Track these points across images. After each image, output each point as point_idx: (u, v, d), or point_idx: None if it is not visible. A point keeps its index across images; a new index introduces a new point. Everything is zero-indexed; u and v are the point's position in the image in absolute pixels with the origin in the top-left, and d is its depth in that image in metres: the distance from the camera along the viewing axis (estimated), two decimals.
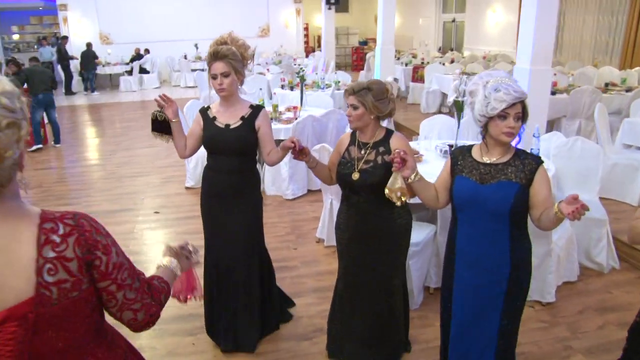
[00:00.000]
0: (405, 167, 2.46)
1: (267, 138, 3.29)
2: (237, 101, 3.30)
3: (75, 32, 19.07)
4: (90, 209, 6.51)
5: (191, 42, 18.50)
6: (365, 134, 2.93)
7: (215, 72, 3.14)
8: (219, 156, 3.30)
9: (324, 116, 6.84)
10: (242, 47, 3.25)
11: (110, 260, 1.45)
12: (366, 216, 2.97)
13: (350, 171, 2.92)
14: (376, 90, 2.83)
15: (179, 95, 15.89)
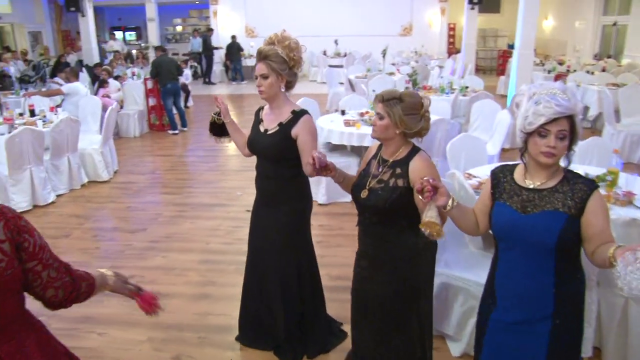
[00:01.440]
0: (438, 195, 2.11)
1: (305, 148, 3.03)
2: (282, 105, 3.13)
3: (224, 26, 20.03)
4: (188, 200, 6.64)
5: (331, 38, 18.56)
6: (388, 149, 2.62)
7: (256, 73, 3.05)
8: (259, 160, 3.24)
9: (432, 125, 6.35)
10: (288, 48, 3.02)
11: (36, 242, 1.61)
12: (374, 238, 2.68)
13: (361, 187, 2.64)
14: (408, 103, 2.50)
15: (311, 90, 16.00)
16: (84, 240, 5.56)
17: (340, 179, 2.77)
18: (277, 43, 3.03)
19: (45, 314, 4.12)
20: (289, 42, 3.04)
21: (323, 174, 2.66)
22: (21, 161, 6.33)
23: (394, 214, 2.55)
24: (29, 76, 14.39)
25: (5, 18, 19.85)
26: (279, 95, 3.10)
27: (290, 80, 3.09)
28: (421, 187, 2.10)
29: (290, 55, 3.02)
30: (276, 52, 2.98)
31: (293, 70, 3.07)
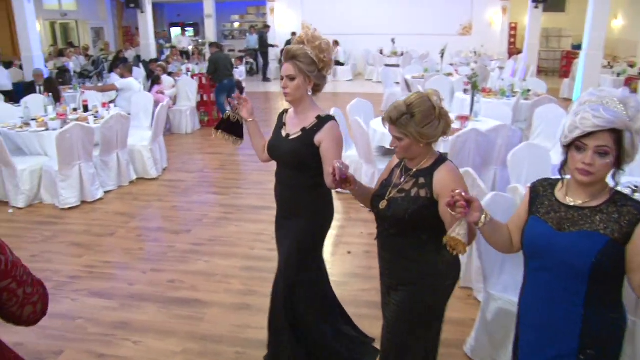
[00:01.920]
0: (471, 211, 1.91)
1: (328, 156, 2.77)
2: (307, 109, 2.90)
3: (280, 23, 19.97)
4: (235, 202, 6.48)
5: (388, 37, 18.20)
6: (414, 159, 2.39)
7: (282, 74, 2.84)
8: (278, 167, 3.05)
9: (492, 131, 5.98)
10: (319, 49, 2.78)
11: (9, 259, 1.47)
12: (393, 253, 2.48)
13: (382, 197, 2.43)
14: (420, 115, 2.24)
15: (367, 89, 15.74)
16: (128, 240, 5.47)
17: (359, 193, 2.54)
18: (307, 43, 2.79)
19: (83, 317, 4.06)
20: (320, 42, 2.80)
21: (342, 186, 2.41)
22: (71, 157, 6.32)
23: (414, 226, 2.34)
24: (88, 71, 14.67)
25: (70, 15, 20.41)
26: (305, 99, 2.88)
27: (318, 84, 2.86)
28: (453, 201, 1.89)
29: (320, 57, 2.78)
30: (305, 52, 2.76)
31: (322, 72, 2.84)
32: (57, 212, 6.31)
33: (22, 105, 7.90)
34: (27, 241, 5.51)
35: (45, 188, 6.59)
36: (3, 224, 6.04)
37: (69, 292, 4.43)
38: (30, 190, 6.52)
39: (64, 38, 20.76)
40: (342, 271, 4.66)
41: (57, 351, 3.65)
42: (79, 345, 3.71)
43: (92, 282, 4.60)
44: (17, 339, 3.81)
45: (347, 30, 18.94)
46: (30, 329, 3.92)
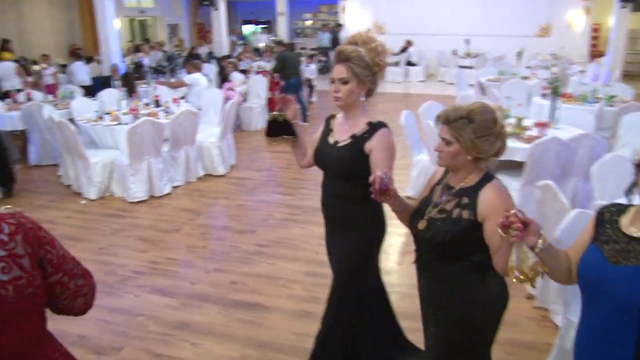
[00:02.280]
0: (527, 234, 1.66)
1: (378, 164, 2.54)
2: (357, 115, 2.70)
3: (352, 21, 19.80)
4: (301, 203, 6.38)
5: (462, 38, 17.71)
6: (456, 175, 2.19)
7: (334, 76, 2.62)
8: (325, 176, 2.83)
9: (574, 140, 5.58)
10: (374, 52, 2.58)
11: (59, 253, 1.48)
12: (432, 279, 2.30)
13: (421, 216, 2.23)
14: (479, 123, 2.05)
15: (439, 91, 15.37)
16: (193, 237, 5.46)
17: (399, 209, 2.31)
18: (362, 44, 2.58)
19: (144, 314, 4.05)
20: (376, 44, 2.60)
21: (382, 198, 2.18)
22: (141, 152, 6.39)
23: (454, 251, 2.14)
24: (163, 66, 14.98)
25: (148, 12, 20.98)
26: (357, 104, 2.68)
27: (371, 88, 2.66)
28: (507, 222, 1.65)
29: (375, 60, 2.59)
30: (360, 54, 2.55)
31: (376, 77, 2.64)
32: (126, 206, 6.39)
33: (98, 99, 8.10)
34: (97, 233, 5.59)
35: (116, 181, 6.71)
36: (75, 215, 6.16)
37: (133, 287, 4.44)
38: (101, 183, 6.64)
39: (141, 34, 21.36)
40: (409, 282, 4.45)
41: (118, 347, 3.64)
42: (138, 343, 3.68)
43: (155, 278, 4.59)
44: (81, 331, 3.84)
45: (420, 30, 18.57)
46: (94, 322, 3.95)
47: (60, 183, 7.35)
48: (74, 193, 6.86)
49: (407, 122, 6.29)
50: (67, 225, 5.84)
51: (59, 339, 3.60)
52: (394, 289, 4.27)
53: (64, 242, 5.20)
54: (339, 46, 2.65)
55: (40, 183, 7.55)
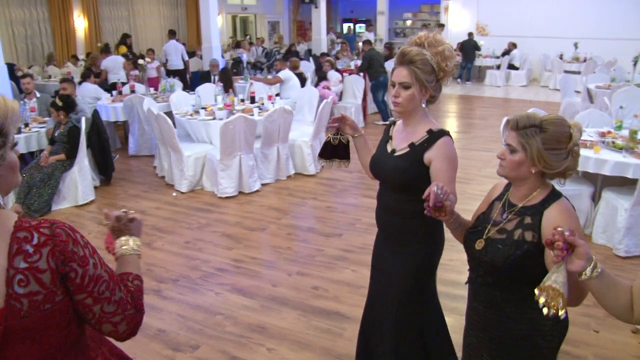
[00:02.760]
0: (574, 257, 1.53)
1: (439, 177, 2.34)
2: (417, 122, 2.48)
3: (454, 22, 19.28)
4: None
5: (570, 41, 16.73)
6: (518, 190, 2.02)
7: (395, 80, 2.42)
8: (381, 186, 2.64)
9: None
10: (441, 56, 2.36)
11: (87, 273, 1.38)
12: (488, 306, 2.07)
13: (478, 235, 2.06)
14: (551, 134, 1.87)
15: (542, 97, 14.64)
16: (278, 237, 5.40)
17: (454, 225, 2.14)
18: (428, 46, 2.37)
19: (223, 313, 4.01)
20: (444, 48, 2.38)
21: (435, 214, 1.98)
22: (232, 148, 6.42)
23: (515, 276, 1.95)
24: (261, 63, 15.19)
25: (250, 9, 21.42)
26: (418, 111, 2.46)
27: (434, 95, 2.45)
28: (551, 240, 1.54)
29: (441, 65, 2.37)
30: (425, 58, 2.34)
31: (440, 83, 2.43)
32: (215, 200, 6.45)
33: (196, 94, 8.26)
34: (184, 226, 5.66)
35: (207, 175, 6.79)
36: (167, 207, 6.29)
37: (214, 284, 4.42)
38: (193, 177, 6.75)
39: (242, 31, 21.84)
40: None
41: (194, 345, 3.61)
42: (215, 343, 3.64)
43: (237, 277, 4.56)
44: (161, 325, 3.86)
45: (525, 32, 17.73)
46: (174, 317, 3.96)
47: (154, 174, 7.56)
48: (167, 185, 7.02)
49: None
50: (157, 216, 5.96)
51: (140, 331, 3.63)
52: None
53: (153, 233, 5.32)
54: (403, 47, 2.45)
55: (136, 173, 7.80)
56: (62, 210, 6.18)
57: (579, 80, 13.73)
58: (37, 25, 14.16)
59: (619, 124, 6.15)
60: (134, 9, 16.93)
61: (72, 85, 7.11)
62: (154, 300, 4.18)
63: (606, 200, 5.02)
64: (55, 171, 6.13)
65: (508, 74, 17.16)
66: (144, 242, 5.26)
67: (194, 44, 17.52)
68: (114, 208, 5.59)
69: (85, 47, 15.17)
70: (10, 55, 13.08)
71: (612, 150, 5.17)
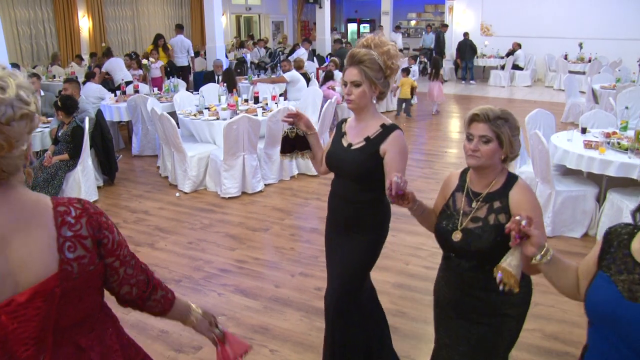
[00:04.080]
0: (527, 243, 1.70)
1: (392, 167, 2.58)
2: (370, 117, 2.72)
3: (458, 22, 19.23)
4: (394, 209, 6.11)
5: (575, 41, 16.67)
6: (483, 179, 2.20)
7: (346, 79, 2.66)
8: (337, 178, 2.86)
9: None
10: (387, 55, 2.63)
11: (115, 239, 1.59)
12: (469, 289, 2.25)
13: (451, 228, 2.22)
14: (512, 122, 2.15)
15: (546, 98, 14.60)
16: (281, 238, 5.39)
17: (418, 212, 2.32)
18: (374, 47, 2.63)
19: (226, 314, 4.00)
20: (389, 47, 2.65)
21: (399, 202, 2.18)
22: (236, 148, 6.41)
23: (496, 256, 1.98)
24: (265, 62, 15.18)
25: (254, 9, 21.44)
26: (369, 107, 2.71)
27: (383, 91, 2.70)
28: (509, 228, 1.71)
29: (387, 63, 2.63)
30: (373, 57, 2.60)
31: (388, 80, 2.69)
32: (218, 201, 6.44)
33: (199, 94, 8.26)
34: (187, 227, 5.65)
35: (210, 176, 6.79)
36: (170, 207, 6.28)
37: (217, 285, 4.42)
38: (196, 177, 6.74)
39: (246, 30, 21.84)
40: None
41: (197, 346, 3.60)
42: None
43: (240, 278, 4.55)
44: (163, 326, 3.85)
45: (529, 33, 17.66)
46: None
47: (158, 174, 7.57)
48: (170, 185, 7.02)
49: None
50: (160, 216, 5.95)
51: (142, 332, 3.60)
52: None
53: (156, 234, 5.33)
54: (352, 49, 2.70)
55: (139, 173, 7.80)
56: None
57: (583, 80, 13.68)
58: (42, 25, 14.20)
59: (624, 125, 6.12)
60: (139, 9, 16.95)
61: (74, 86, 7.09)
62: None
63: (611, 202, 4.99)
64: (58, 171, 6.13)
65: (512, 74, 17.10)
66: (146, 242, 5.30)
67: (198, 44, 17.53)
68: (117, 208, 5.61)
69: (89, 47, 15.20)
70: (14, 55, 13.11)
71: (618, 151, 5.15)
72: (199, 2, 17.29)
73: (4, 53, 7.92)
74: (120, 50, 15.92)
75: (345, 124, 2.86)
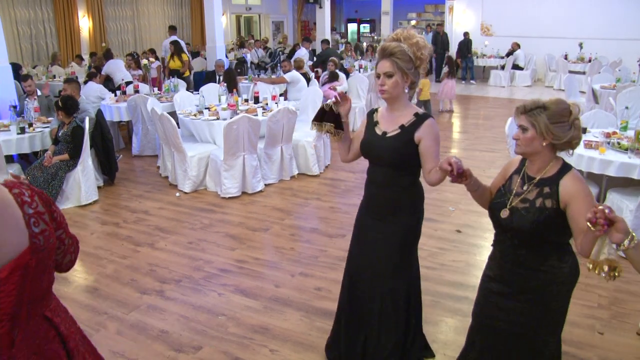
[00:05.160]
0: (613, 230, 1.82)
1: (429, 153, 2.79)
2: (402, 107, 2.88)
3: (458, 22, 19.22)
4: None
5: (575, 41, 16.66)
6: (534, 164, 2.38)
7: (379, 71, 2.80)
8: (374, 166, 2.97)
9: None
10: (416, 46, 2.76)
11: (60, 212, 1.78)
12: (514, 264, 2.43)
13: (502, 205, 2.42)
14: (553, 111, 2.26)
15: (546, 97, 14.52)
16: (281, 238, 5.39)
17: (474, 188, 2.53)
18: (404, 40, 2.77)
19: (226, 314, 4.00)
20: (417, 39, 2.79)
21: (459, 180, 2.43)
22: (236, 148, 6.41)
23: (539, 237, 2.32)
24: (265, 62, 15.18)
25: (254, 9, 21.44)
26: (402, 97, 2.86)
27: (414, 81, 2.84)
28: (594, 218, 1.81)
29: (417, 54, 2.77)
30: (403, 49, 2.73)
31: (418, 70, 2.83)
32: (218, 201, 6.44)
33: (200, 94, 8.25)
34: (187, 227, 5.65)
35: (210, 176, 6.79)
36: (170, 207, 6.28)
37: (217, 285, 4.42)
38: (196, 177, 6.74)
39: (247, 30, 21.84)
40: None
41: (197, 346, 3.60)
42: (217, 344, 3.63)
43: (240, 278, 4.55)
44: (164, 326, 3.85)
45: (529, 33, 17.65)
46: (176, 318, 3.95)
47: (158, 174, 7.57)
48: (170, 185, 7.02)
49: (510, 130, 5.88)
50: (160, 216, 5.95)
51: (142, 332, 3.60)
52: None
53: (157, 234, 5.32)
54: (382, 43, 2.85)
55: (139, 173, 7.79)
56: (66, 210, 6.17)
57: (583, 80, 13.68)
58: (42, 25, 14.21)
59: (624, 125, 6.11)
60: (139, 9, 16.96)
61: (73, 86, 7.07)
62: (156, 301, 4.17)
63: (611, 201, 4.99)
64: (58, 171, 6.13)
65: (512, 74, 17.10)
66: (146, 242, 5.30)
67: (198, 44, 17.54)
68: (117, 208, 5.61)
69: (89, 47, 15.21)
70: (14, 55, 13.11)
71: (618, 151, 5.14)
72: (199, 2, 17.31)
73: (4, 53, 7.96)
74: (121, 51, 15.93)
75: (377, 113, 2.99)
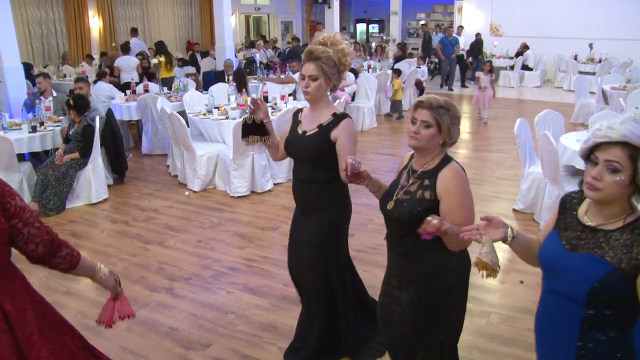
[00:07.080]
0: (491, 229, 1.92)
1: (343, 152, 2.87)
2: (323, 107, 3.02)
3: (467, 22, 19.16)
4: None
5: (585, 42, 16.58)
6: (422, 159, 2.43)
7: (304, 73, 2.93)
8: (296, 163, 3.16)
9: None
10: (341, 52, 2.93)
11: (17, 204, 1.94)
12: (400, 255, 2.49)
13: (389, 198, 2.46)
14: (453, 113, 2.36)
15: (556, 98, 14.53)
16: None
17: (375, 189, 2.56)
18: (331, 45, 2.93)
19: (235, 312, 4.03)
20: (343, 46, 2.94)
21: (356, 181, 2.46)
22: (245, 147, 6.43)
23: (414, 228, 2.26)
24: (274, 62, 15.22)
25: (263, 9, 21.50)
26: (324, 98, 3.00)
27: (336, 85, 2.98)
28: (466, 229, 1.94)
29: (342, 60, 2.94)
30: (329, 54, 2.89)
31: (341, 75, 2.99)
32: (227, 200, 6.48)
33: (209, 93, 8.30)
34: (196, 225, 5.69)
35: (219, 175, 6.82)
36: (179, 205, 6.33)
37: (226, 284, 4.45)
38: (205, 176, 6.78)
39: (256, 30, 21.90)
40: (512, 304, 4.13)
41: (206, 344, 3.64)
42: (226, 342, 3.66)
43: (248, 276, 4.58)
44: (173, 323, 3.89)
45: (539, 33, 17.59)
46: (185, 315, 3.98)
47: (167, 173, 7.62)
48: (180, 184, 7.07)
49: (519, 131, 5.87)
50: (169, 215, 5.99)
51: (152, 329, 3.64)
52: (494, 310, 4.00)
53: (165, 232, 5.34)
54: (310, 46, 2.97)
55: (149, 172, 7.85)
56: (76, 209, 6.23)
57: (593, 81, 13.61)
58: (53, 25, 14.32)
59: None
60: (148, 10, 17.05)
61: (87, 85, 7.16)
62: (166, 299, 4.21)
63: None
64: (69, 170, 6.19)
65: (522, 74, 17.05)
66: (156, 240, 5.33)
67: (208, 44, 17.60)
68: (127, 207, 5.66)
69: (99, 46, 15.30)
70: (26, 54, 13.21)
71: None
72: (208, 2, 17.36)
73: (16, 52, 8.03)
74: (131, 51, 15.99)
75: (301, 113, 3.13)
